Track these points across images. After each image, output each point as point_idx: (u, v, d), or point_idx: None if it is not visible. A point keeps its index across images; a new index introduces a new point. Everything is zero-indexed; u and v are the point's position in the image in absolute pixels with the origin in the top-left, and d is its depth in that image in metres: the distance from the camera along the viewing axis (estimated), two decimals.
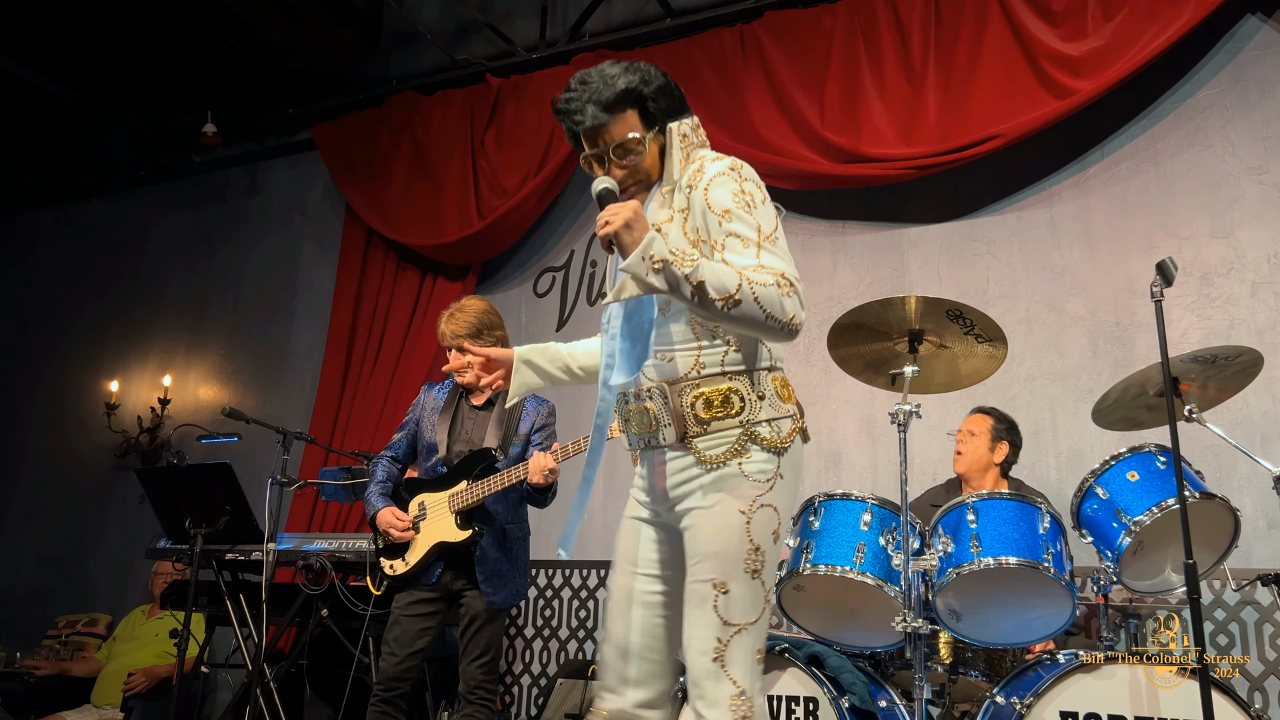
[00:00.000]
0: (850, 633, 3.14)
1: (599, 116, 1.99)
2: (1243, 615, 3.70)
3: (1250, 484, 3.75)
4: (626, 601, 2.06)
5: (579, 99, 2.00)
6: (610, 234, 1.79)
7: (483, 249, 5.36)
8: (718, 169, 1.98)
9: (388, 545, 3.42)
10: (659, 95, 2.03)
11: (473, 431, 3.48)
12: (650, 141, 2.03)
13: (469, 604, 3.36)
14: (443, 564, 3.36)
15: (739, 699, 1.87)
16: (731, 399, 1.96)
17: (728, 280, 1.80)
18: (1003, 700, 2.86)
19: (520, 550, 3.46)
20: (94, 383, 6.55)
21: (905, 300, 2.97)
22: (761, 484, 1.94)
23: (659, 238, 1.79)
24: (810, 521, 3.07)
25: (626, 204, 1.82)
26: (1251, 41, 4.14)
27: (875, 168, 4.43)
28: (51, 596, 6.09)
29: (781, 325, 1.85)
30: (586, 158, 2.06)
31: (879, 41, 4.57)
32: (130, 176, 6.81)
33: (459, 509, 3.32)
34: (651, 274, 1.76)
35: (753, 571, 1.91)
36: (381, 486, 3.50)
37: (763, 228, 1.93)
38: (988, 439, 3.66)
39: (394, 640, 3.33)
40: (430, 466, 3.48)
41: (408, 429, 3.60)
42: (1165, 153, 4.20)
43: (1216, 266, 4.02)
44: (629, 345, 1.98)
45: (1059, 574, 2.82)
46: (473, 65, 5.61)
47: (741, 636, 1.90)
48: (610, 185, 1.95)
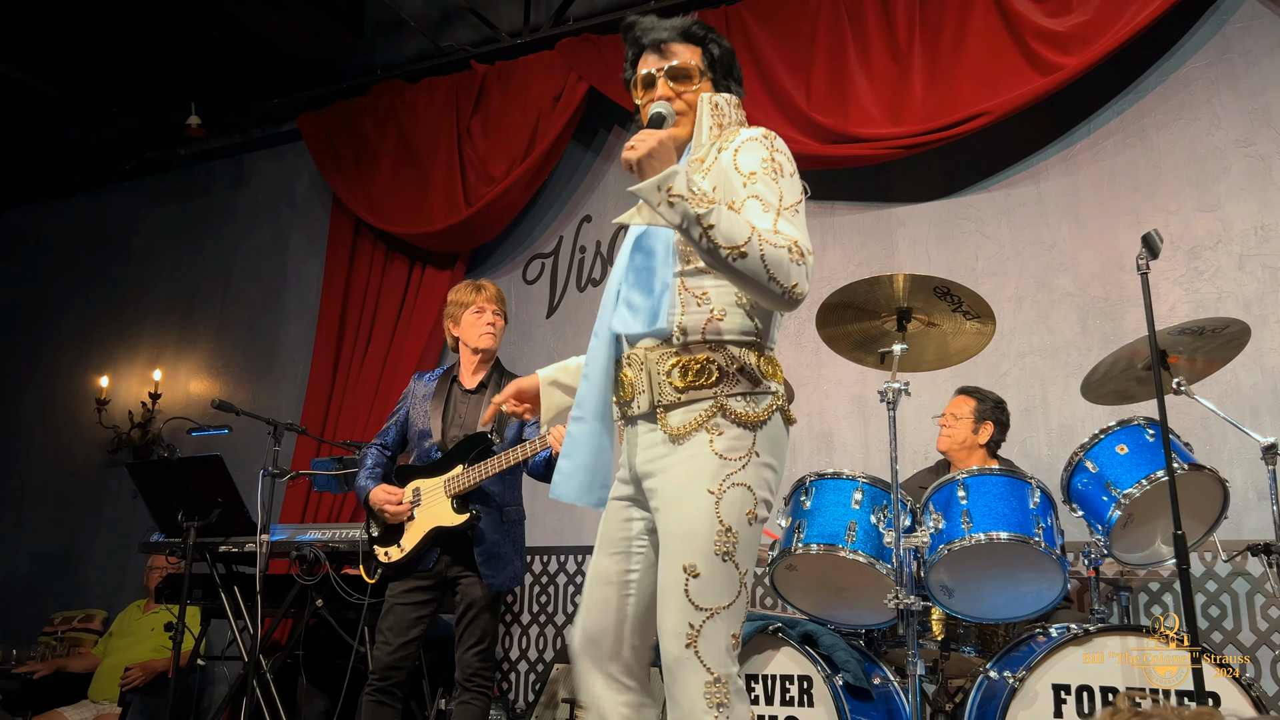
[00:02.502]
0: (843, 611, 3.16)
1: (669, 34, 2.12)
2: (1234, 586, 3.71)
3: (1240, 456, 3.76)
4: (598, 581, 2.04)
5: (654, 20, 2.15)
6: (633, 159, 1.81)
7: (471, 237, 5.34)
8: (750, 134, 2.02)
9: (382, 532, 3.42)
10: (724, 52, 2.16)
11: (466, 415, 3.48)
12: (702, 84, 2.11)
13: (465, 590, 3.35)
14: (439, 550, 3.36)
15: (713, 685, 1.82)
16: (709, 369, 1.92)
17: (739, 231, 1.80)
18: (996, 675, 2.88)
19: (518, 532, 3.46)
20: (84, 379, 6.53)
21: (893, 278, 2.97)
22: (732, 462, 1.88)
23: (683, 173, 1.79)
24: (802, 501, 3.08)
25: (655, 132, 1.84)
26: (1236, 14, 4.14)
27: (863, 148, 4.42)
28: (47, 593, 6.09)
29: (783, 290, 1.83)
30: (635, 82, 2.15)
31: (864, 21, 4.56)
32: (115, 171, 6.77)
33: (455, 493, 3.31)
34: (665, 205, 1.77)
35: (724, 554, 1.85)
36: (370, 472, 3.50)
37: (785, 197, 1.94)
38: (970, 421, 3.65)
39: (388, 629, 3.32)
40: (425, 451, 3.47)
41: (397, 418, 3.60)
42: (1151, 127, 4.20)
43: (1204, 240, 4.03)
44: (636, 298, 1.98)
45: (1050, 548, 2.83)
46: (457, 52, 5.58)
47: (714, 621, 1.84)
48: (664, 109, 2.01)
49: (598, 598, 2.03)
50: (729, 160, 1.98)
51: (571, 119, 5.12)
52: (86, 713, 4.79)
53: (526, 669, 4.81)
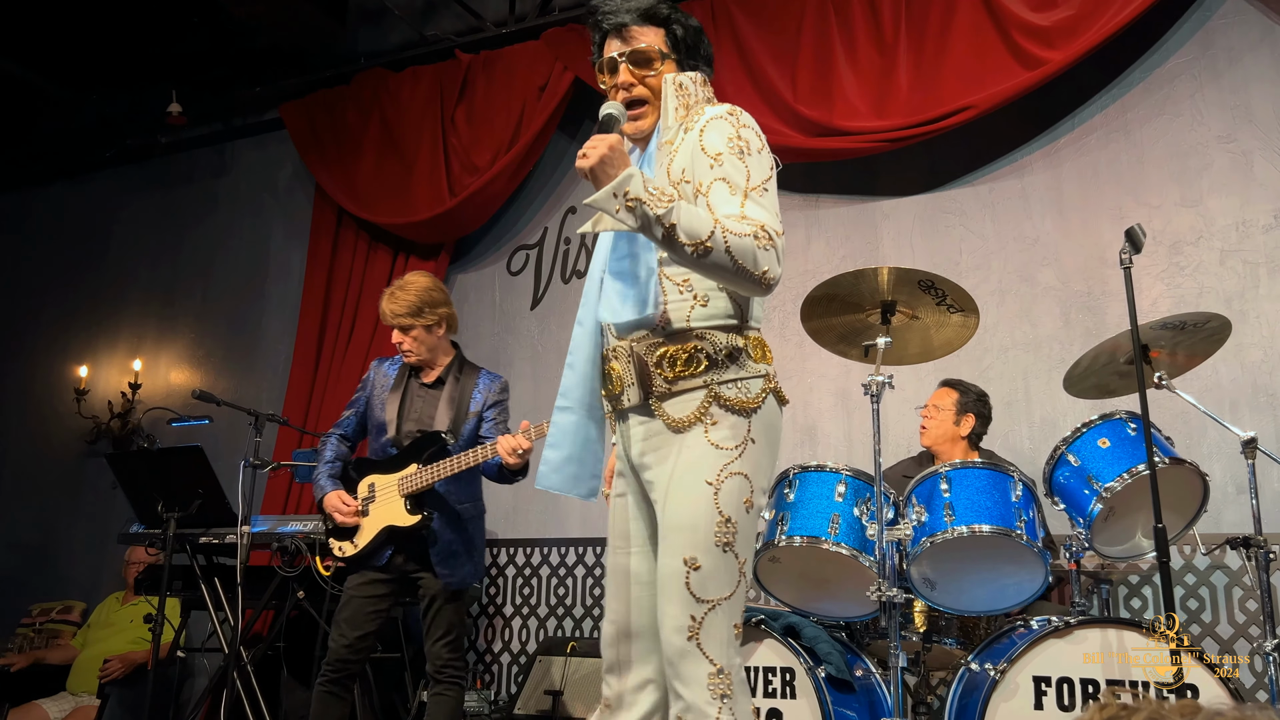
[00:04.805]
0: (826, 603, 3.17)
1: (630, 17, 2.07)
2: (1212, 579, 3.74)
3: (1219, 450, 3.79)
4: (625, 581, 2.02)
5: (617, 2, 2.11)
6: (586, 168, 1.78)
7: (455, 227, 5.31)
8: (715, 112, 1.98)
9: (336, 527, 3.39)
10: (688, 32, 2.10)
11: (423, 410, 3.44)
12: (665, 66, 2.06)
13: (426, 585, 3.33)
14: (393, 547, 3.33)
15: (717, 677, 1.82)
16: (697, 357, 1.90)
17: (701, 226, 1.77)
18: (977, 667, 2.89)
19: (475, 529, 3.43)
20: (62, 368, 6.46)
21: (878, 271, 2.97)
22: (729, 451, 1.88)
23: (638, 175, 1.77)
24: (785, 493, 3.08)
25: (606, 137, 1.80)
26: (1219, 10, 4.16)
27: (848, 141, 4.42)
28: (25, 585, 6.03)
29: (754, 278, 1.82)
30: (600, 65, 2.10)
31: (850, 13, 4.55)
32: (95, 159, 6.69)
33: (408, 493, 3.29)
34: (623, 210, 1.74)
35: (724, 545, 1.85)
36: (330, 467, 3.47)
37: (753, 176, 1.91)
38: (952, 413, 3.67)
39: (345, 621, 3.30)
40: (380, 446, 3.43)
41: (357, 406, 3.56)
42: (1135, 122, 4.22)
43: (1186, 235, 4.05)
44: (621, 286, 1.95)
45: (1031, 541, 2.84)
46: (442, 41, 5.54)
47: (716, 613, 1.84)
48: (613, 111, 1.95)
49: (630, 598, 2.00)
50: (694, 141, 1.95)
51: (556, 109, 5.09)
52: (65, 705, 4.76)
53: (509, 660, 4.80)
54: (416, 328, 3.41)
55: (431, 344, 3.45)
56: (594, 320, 2.01)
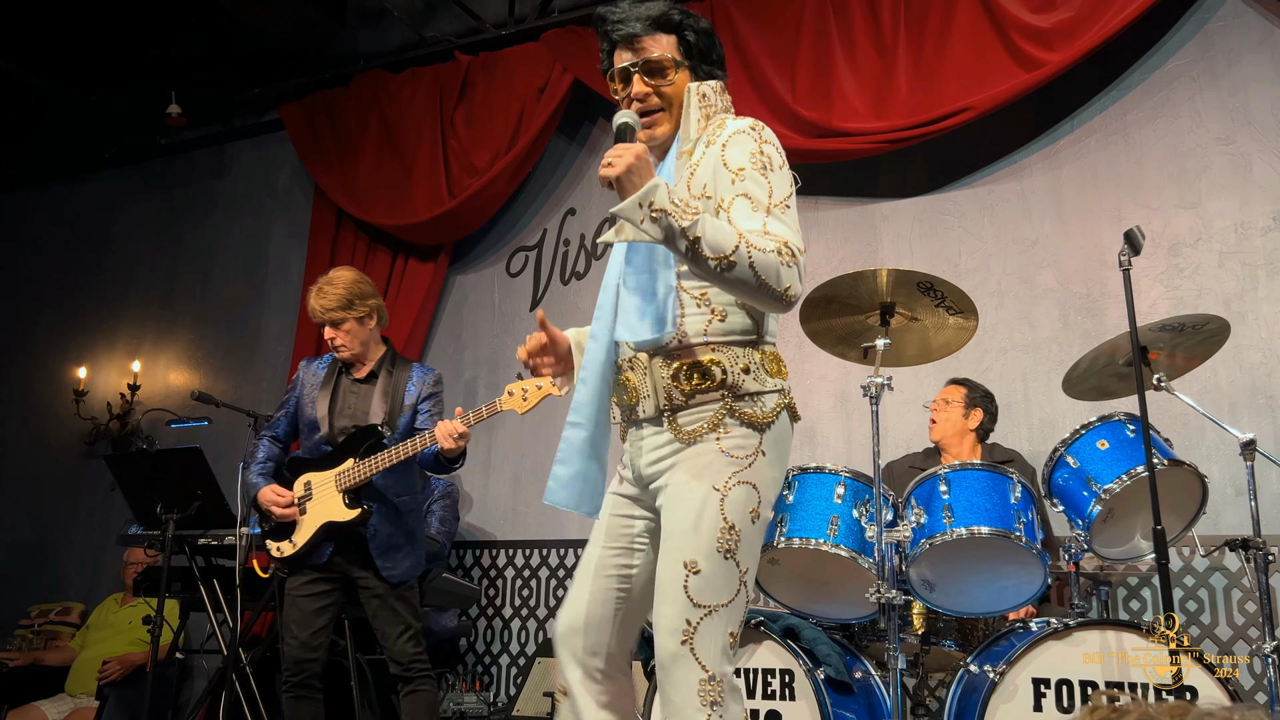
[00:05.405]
0: (825, 605, 3.16)
1: (641, 26, 2.01)
2: (1211, 581, 3.75)
3: (1218, 451, 3.79)
4: (590, 572, 2.02)
5: (625, 10, 2.04)
6: (612, 176, 1.75)
7: (454, 228, 5.31)
8: (738, 126, 1.96)
9: (274, 527, 3.37)
10: (700, 36, 2.06)
11: (356, 406, 3.42)
12: (679, 75, 2.02)
13: (369, 585, 3.30)
14: (332, 545, 3.31)
15: (708, 684, 1.80)
16: (713, 371, 1.89)
17: (725, 240, 1.76)
18: (976, 669, 2.89)
19: (414, 522, 3.42)
20: (61, 369, 6.46)
21: (877, 273, 2.97)
22: (739, 460, 1.87)
23: (663, 186, 1.75)
24: (784, 495, 3.08)
25: (632, 146, 1.78)
26: (1218, 12, 4.16)
27: (847, 142, 4.42)
28: (24, 586, 6.02)
29: (776, 295, 1.81)
30: (613, 74, 2.06)
31: (849, 15, 4.56)
32: (95, 160, 6.68)
33: (346, 487, 3.27)
34: (648, 221, 1.72)
35: (726, 551, 1.83)
36: (262, 466, 3.45)
37: (775, 192, 1.90)
38: (961, 406, 3.72)
39: (294, 623, 3.28)
40: (313, 445, 3.41)
41: (287, 407, 3.54)
42: (1134, 124, 4.22)
43: (1185, 237, 4.05)
44: (639, 302, 1.93)
45: (1030, 543, 2.84)
46: (441, 43, 5.54)
47: (712, 619, 1.82)
48: (629, 120, 1.90)
49: (591, 588, 2.00)
50: (716, 156, 1.94)
51: (556, 111, 5.09)
52: (64, 706, 4.75)
53: (508, 662, 4.80)
54: (348, 321, 3.39)
55: (364, 337, 3.44)
56: (608, 336, 1.99)
